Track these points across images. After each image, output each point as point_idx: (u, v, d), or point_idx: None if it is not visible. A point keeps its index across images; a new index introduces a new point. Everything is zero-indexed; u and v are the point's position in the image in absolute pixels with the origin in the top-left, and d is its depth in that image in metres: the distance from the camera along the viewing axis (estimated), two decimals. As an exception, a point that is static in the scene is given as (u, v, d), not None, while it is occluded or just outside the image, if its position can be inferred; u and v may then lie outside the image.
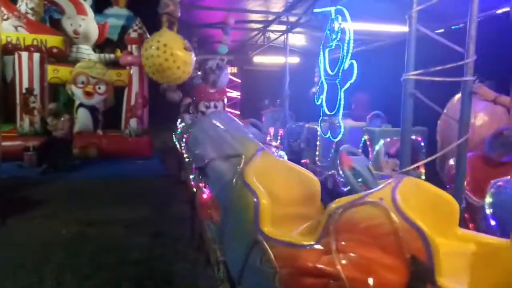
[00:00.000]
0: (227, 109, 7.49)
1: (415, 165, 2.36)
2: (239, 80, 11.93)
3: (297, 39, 7.01)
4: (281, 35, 6.45)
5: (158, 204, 6.25)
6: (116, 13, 13.89)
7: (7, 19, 8.68)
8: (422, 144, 4.34)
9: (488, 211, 2.33)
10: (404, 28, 5.08)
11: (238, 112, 11.08)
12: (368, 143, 4.70)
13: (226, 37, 4.90)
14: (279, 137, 7.27)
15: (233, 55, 7.01)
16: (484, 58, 2.45)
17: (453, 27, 4.19)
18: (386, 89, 4.77)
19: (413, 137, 3.87)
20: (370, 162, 3.48)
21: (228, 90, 9.02)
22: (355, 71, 2.82)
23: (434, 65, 2.39)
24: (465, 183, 2.72)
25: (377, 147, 4.38)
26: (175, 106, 10.88)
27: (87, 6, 11.33)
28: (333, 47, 3.20)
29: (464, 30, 2.23)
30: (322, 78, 3.40)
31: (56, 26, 10.25)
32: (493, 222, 2.30)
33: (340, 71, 3.01)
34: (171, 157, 9.09)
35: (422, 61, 2.54)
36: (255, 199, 1.88)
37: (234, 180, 2.14)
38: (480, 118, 3.39)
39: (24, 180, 7.28)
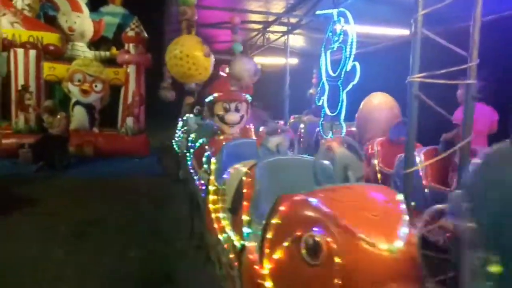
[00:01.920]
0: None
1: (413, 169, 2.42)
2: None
3: (296, 41, 7.06)
4: (281, 36, 6.49)
5: (157, 202, 6.25)
6: (112, 11, 13.84)
7: (4, 15, 8.60)
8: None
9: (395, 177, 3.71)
10: (404, 31, 5.21)
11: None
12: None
13: (237, 36, 4.96)
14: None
15: (229, 55, 7.02)
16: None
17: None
18: (387, 91, 4.86)
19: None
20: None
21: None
22: (358, 73, 2.87)
23: (437, 67, 2.44)
24: (379, 160, 4.48)
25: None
26: (172, 105, 10.92)
27: (83, 3, 11.27)
28: (334, 49, 3.25)
29: (467, 30, 2.29)
30: (324, 79, 3.45)
31: (50, 23, 10.17)
32: (398, 183, 3.65)
33: (342, 73, 3.06)
34: (168, 156, 9.09)
35: (424, 63, 2.59)
36: None
37: None
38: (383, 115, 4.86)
39: (19, 177, 7.23)
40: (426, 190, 3.63)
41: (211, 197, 3.03)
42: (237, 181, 2.36)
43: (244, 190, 2.21)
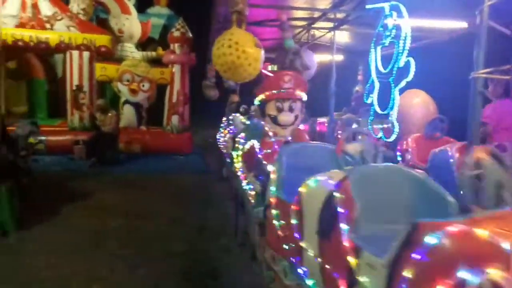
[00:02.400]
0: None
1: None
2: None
3: (341, 36, 6.88)
4: (327, 33, 6.35)
5: (201, 199, 6.38)
6: (158, 12, 14.36)
7: (61, 19, 9.17)
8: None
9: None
10: (461, 24, 4.90)
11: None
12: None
13: (287, 32, 4.82)
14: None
15: (274, 53, 6.98)
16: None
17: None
18: (441, 87, 4.61)
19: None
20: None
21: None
22: (412, 69, 2.73)
23: (499, 62, 2.26)
24: (414, 156, 4.62)
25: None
26: (216, 104, 11.09)
27: (131, 6, 11.76)
28: (386, 44, 3.11)
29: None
30: (373, 76, 3.32)
31: (102, 25, 10.71)
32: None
33: (394, 69, 2.93)
34: (211, 153, 9.26)
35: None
36: None
37: None
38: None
39: (74, 172, 7.67)
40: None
41: (274, 212, 2.66)
42: (324, 198, 1.93)
43: (340, 210, 1.78)
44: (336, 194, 1.84)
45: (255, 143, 3.77)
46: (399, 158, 4.85)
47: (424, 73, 3.51)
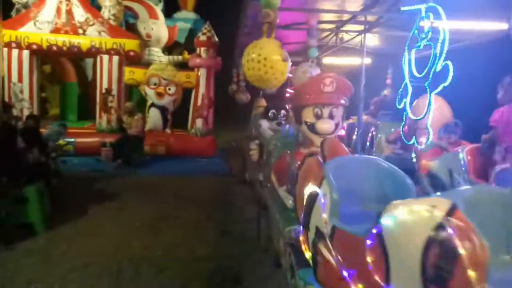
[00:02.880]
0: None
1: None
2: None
3: (370, 39, 6.73)
4: (357, 35, 6.23)
5: (224, 202, 6.37)
6: (184, 17, 14.60)
7: (93, 24, 9.44)
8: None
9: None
10: (502, 25, 4.67)
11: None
12: (374, 133, 6.63)
13: (313, 40, 4.77)
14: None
15: (301, 57, 6.91)
16: None
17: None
18: (476, 92, 4.41)
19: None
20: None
21: (290, 90, 8.92)
22: (451, 73, 2.60)
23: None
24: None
25: (380, 135, 6.44)
26: (240, 108, 11.10)
27: (159, 11, 11.99)
28: (421, 47, 3.00)
29: None
30: (407, 80, 3.20)
31: (130, 30, 10.95)
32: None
33: (431, 73, 2.80)
34: (234, 157, 9.26)
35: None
36: None
37: None
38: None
39: (101, 173, 7.84)
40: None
41: (335, 246, 2.19)
42: (427, 235, 1.47)
43: (461, 252, 1.33)
44: (450, 230, 1.39)
45: (288, 154, 3.55)
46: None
47: (459, 77, 3.36)
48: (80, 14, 9.37)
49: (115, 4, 9.75)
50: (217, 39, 10.24)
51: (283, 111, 5.86)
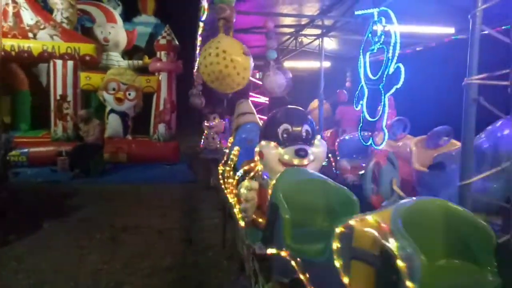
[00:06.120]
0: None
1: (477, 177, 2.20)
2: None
3: (328, 43, 6.88)
4: (315, 39, 6.34)
5: (188, 209, 6.25)
6: (144, 21, 14.26)
7: (44, 28, 8.99)
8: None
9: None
10: (449, 30, 4.93)
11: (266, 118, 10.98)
12: None
13: (272, 42, 4.66)
14: None
15: (262, 61, 6.93)
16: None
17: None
18: (430, 94, 4.60)
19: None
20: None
21: (254, 95, 8.93)
22: (403, 76, 2.68)
23: (493, 68, 2.23)
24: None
25: None
26: (200, 112, 10.95)
27: (117, 14, 11.65)
28: (375, 50, 3.08)
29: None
30: (363, 83, 3.28)
31: (86, 34, 10.55)
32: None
33: (384, 75, 2.88)
34: (198, 162, 9.12)
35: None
36: None
37: None
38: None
39: (57, 184, 7.45)
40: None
41: None
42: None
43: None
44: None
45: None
46: None
47: (414, 79, 3.48)
48: (29, 17, 8.90)
49: (68, 7, 9.36)
50: (177, 43, 10.09)
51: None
